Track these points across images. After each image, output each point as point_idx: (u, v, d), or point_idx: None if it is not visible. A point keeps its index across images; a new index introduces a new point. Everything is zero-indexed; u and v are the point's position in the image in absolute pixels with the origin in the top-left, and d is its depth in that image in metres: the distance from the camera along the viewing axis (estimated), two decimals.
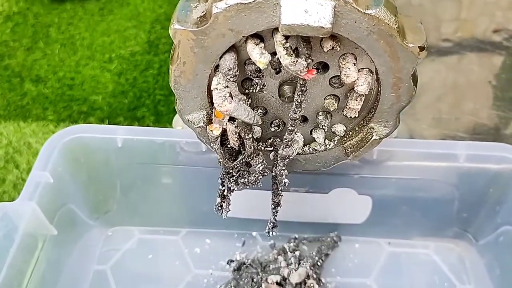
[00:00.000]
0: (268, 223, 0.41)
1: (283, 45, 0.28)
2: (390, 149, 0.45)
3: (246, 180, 0.36)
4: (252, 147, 0.34)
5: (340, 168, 0.40)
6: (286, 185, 0.37)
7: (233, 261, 0.49)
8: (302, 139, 0.36)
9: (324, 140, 0.37)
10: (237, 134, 0.33)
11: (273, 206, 0.40)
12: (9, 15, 0.81)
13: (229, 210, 0.39)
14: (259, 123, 0.33)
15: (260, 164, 0.35)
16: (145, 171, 0.46)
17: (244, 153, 0.34)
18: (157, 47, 0.75)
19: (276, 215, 0.41)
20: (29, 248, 0.40)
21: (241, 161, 0.35)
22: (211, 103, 0.34)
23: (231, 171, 0.35)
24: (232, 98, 0.31)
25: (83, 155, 0.44)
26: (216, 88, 0.31)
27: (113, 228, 0.51)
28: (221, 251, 0.49)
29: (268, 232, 0.42)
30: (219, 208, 0.38)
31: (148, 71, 0.71)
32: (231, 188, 0.38)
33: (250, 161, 0.35)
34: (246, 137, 0.33)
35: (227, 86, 0.31)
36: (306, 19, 0.27)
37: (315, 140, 0.37)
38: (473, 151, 0.44)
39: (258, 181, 0.36)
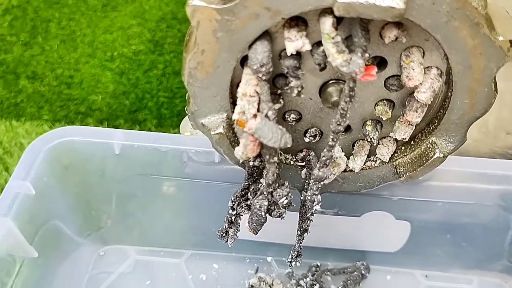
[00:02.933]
0: (291, 251, 0.35)
1: (333, 39, 0.22)
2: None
3: (260, 207, 0.29)
4: (276, 174, 0.27)
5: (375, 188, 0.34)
6: (317, 211, 0.30)
7: None
8: (345, 161, 0.30)
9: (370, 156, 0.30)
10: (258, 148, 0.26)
11: (299, 232, 0.34)
12: (8, 8, 0.78)
13: (237, 237, 0.32)
14: (288, 146, 0.25)
15: (284, 198, 0.28)
16: (145, 183, 0.41)
17: (265, 179, 0.27)
18: (162, 47, 0.73)
19: (301, 243, 0.35)
20: (2, 273, 0.34)
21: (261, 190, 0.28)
22: (234, 104, 0.27)
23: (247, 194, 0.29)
24: (258, 110, 0.25)
25: (73, 162, 0.39)
26: (245, 93, 0.24)
27: (106, 247, 0.45)
28: (231, 279, 0.44)
29: (291, 262, 0.36)
30: (224, 234, 0.32)
31: (151, 71, 0.69)
32: (241, 214, 0.31)
33: (272, 191, 0.28)
34: (271, 160, 0.26)
35: (257, 92, 0.24)
36: None
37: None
38: None
39: (281, 215, 0.29)
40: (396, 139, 0.29)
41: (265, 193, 0.29)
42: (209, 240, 0.43)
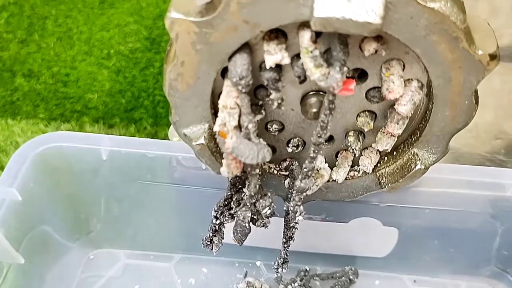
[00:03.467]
0: (277, 258, 0.35)
1: (311, 52, 0.22)
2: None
3: (243, 218, 0.29)
4: (258, 185, 0.27)
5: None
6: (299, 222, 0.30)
7: None
8: (328, 173, 0.29)
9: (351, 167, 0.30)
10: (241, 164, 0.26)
11: (284, 240, 0.33)
12: (4, 4, 0.78)
13: (222, 245, 0.32)
14: (266, 160, 0.25)
15: (267, 208, 0.28)
16: (134, 188, 0.41)
17: (247, 190, 0.27)
18: (159, 45, 0.72)
19: (287, 250, 0.34)
20: None
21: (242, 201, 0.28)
22: (215, 114, 0.27)
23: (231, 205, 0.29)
24: (239, 122, 0.25)
25: (60, 168, 0.39)
26: (225, 105, 0.24)
27: (96, 251, 0.45)
28: (220, 283, 0.44)
29: (277, 269, 0.35)
30: (209, 243, 0.32)
31: (148, 69, 0.68)
32: (225, 223, 0.31)
33: (254, 202, 0.28)
34: (252, 172, 0.26)
35: (238, 104, 0.24)
36: (348, 11, 0.20)
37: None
38: None
39: (265, 225, 0.29)
40: (378, 150, 0.28)
41: (248, 204, 0.28)
42: (198, 245, 0.41)
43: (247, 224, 0.29)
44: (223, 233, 0.33)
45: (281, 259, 0.35)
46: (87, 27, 0.74)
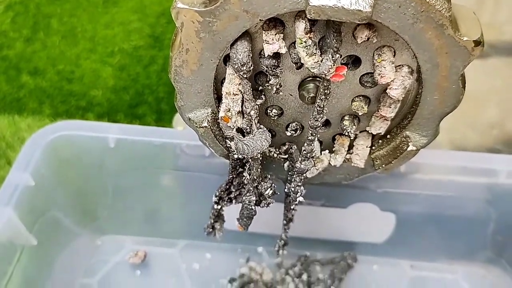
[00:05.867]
0: (278, 240, 0.37)
1: (305, 42, 0.24)
2: (419, 161, 0.40)
3: (249, 202, 0.30)
4: (259, 169, 0.29)
5: (361, 180, 0.35)
6: (300, 202, 0.32)
7: (235, 279, 0.44)
8: (328, 158, 0.31)
9: (349, 150, 0.31)
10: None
11: (285, 222, 0.35)
12: (10, 4, 0.79)
13: (224, 230, 0.34)
14: (265, 148, 0.28)
15: (269, 189, 0.30)
16: (140, 176, 0.42)
17: (249, 175, 0.29)
18: (162, 42, 0.73)
19: (287, 232, 0.36)
20: (3, 260, 0.35)
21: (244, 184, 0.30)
22: (218, 99, 0.28)
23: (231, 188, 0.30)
24: (241, 113, 0.27)
25: (70, 156, 0.40)
26: (228, 92, 0.26)
27: (103, 237, 0.46)
28: (223, 268, 0.45)
29: (278, 250, 0.37)
30: (211, 230, 0.33)
31: (151, 66, 0.69)
32: (223, 207, 0.33)
33: (256, 185, 0.30)
34: (254, 157, 0.28)
35: (240, 90, 0.26)
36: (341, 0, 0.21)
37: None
38: None
39: (268, 205, 0.31)
40: (372, 133, 0.30)
41: (251, 188, 0.30)
42: (203, 231, 0.44)
43: (253, 207, 0.31)
44: (224, 218, 0.34)
45: (282, 241, 0.36)
46: (92, 25, 0.75)
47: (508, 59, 0.61)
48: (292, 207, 0.33)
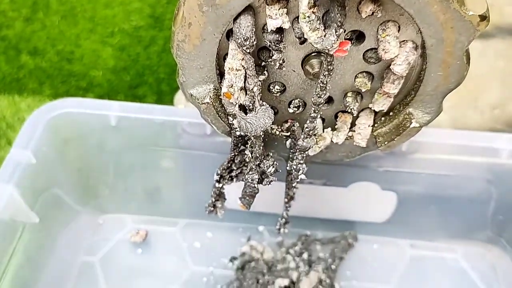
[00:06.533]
0: (279, 219, 0.37)
1: (308, 17, 0.23)
2: (420, 140, 0.40)
3: (252, 180, 0.30)
4: (261, 147, 0.29)
5: (362, 159, 0.35)
6: (302, 180, 0.32)
7: (236, 258, 0.45)
8: (330, 136, 0.31)
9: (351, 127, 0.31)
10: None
11: (286, 200, 0.35)
12: None
13: (225, 209, 0.34)
14: (269, 126, 0.28)
15: (271, 167, 0.30)
16: (142, 154, 0.42)
17: (251, 153, 0.29)
18: (162, 23, 0.72)
19: (288, 210, 0.36)
20: (5, 238, 0.35)
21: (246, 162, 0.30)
22: (220, 75, 0.28)
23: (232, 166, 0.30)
24: (244, 89, 0.27)
25: (71, 133, 0.40)
26: (231, 68, 0.26)
27: (105, 215, 0.47)
28: (224, 247, 0.45)
29: (279, 229, 0.37)
30: (212, 208, 0.33)
31: (151, 47, 0.69)
32: (225, 185, 0.33)
33: (259, 163, 0.30)
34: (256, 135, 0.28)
35: (243, 66, 0.26)
36: None
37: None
38: None
39: (270, 183, 0.31)
40: (375, 110, 0.30)
41: (253, 166, 0.30)
42: (204, 210, 0.44)
43: (256, 185, 0.31)
44: (225, 196, 0.34)
45: (283, 220, 0.37)
46: (91, 5, 0.74)
47: (510, 41, 0.61)
48: (293, 185, 0.33)
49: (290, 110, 0.31)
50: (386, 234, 0.46)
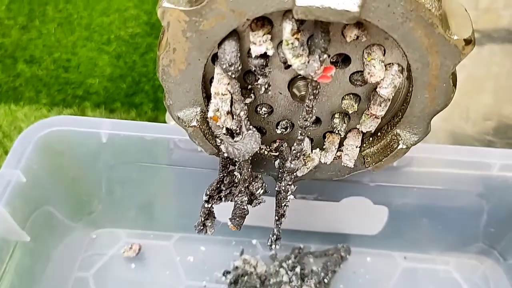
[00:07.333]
0: (270, 235, 0.37)
1: (291, 44, 0.23)
2: (411, 155, 0.39)
3: (241, 202, 0.30)
4: (250, 169, 0.29)
5: (354, 174, 0.34)
6: (291, 200, 0.32)
7: (229, 272, 0.45)
8: (318, 157, 0.31)
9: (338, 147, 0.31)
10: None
11: (276, 218, 0.35)
12: None
13: (215, 226, 0.34)
14: (255, 151, 0.27)
15: (260, 189, 0.30)
16: (134, 170, 0.42)
17: (240, 176, 0.29)
18: (158, 30, 0.71)
19: (280, 227, 0.36)
20: None
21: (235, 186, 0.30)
22: (207, 98, 0.28)
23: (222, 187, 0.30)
24: (230, 113, 0.27)
25: (62, 151, 0.40)
26: (217, 92, 0.26)
27: (98, 230, 0.47)
28: (217, 261, 0.45)
29: (271, 245, 0.37)
30: (202, 228, 0.33)
31: (148, 54, 0.69)
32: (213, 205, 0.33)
33: (247, 185, 0.30)
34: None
35: (229, 90, 0.26)
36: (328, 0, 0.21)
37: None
38: (509, 160, 0.39)
39: (260, 203, 0.31)
40: (362, 131, 0.30)
41: (242, 188, 0.30)
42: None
43: (245, 207, 0.31)
44: (215, 215, 0.34)
45: (274, 236, 0.36)
46: (87, 12, 0.74)
47: (504, 46, 0.61)
48: (283, 204, 0.33)
49: (278, 131, 0.31)
50: (379, 246, 0.46)
